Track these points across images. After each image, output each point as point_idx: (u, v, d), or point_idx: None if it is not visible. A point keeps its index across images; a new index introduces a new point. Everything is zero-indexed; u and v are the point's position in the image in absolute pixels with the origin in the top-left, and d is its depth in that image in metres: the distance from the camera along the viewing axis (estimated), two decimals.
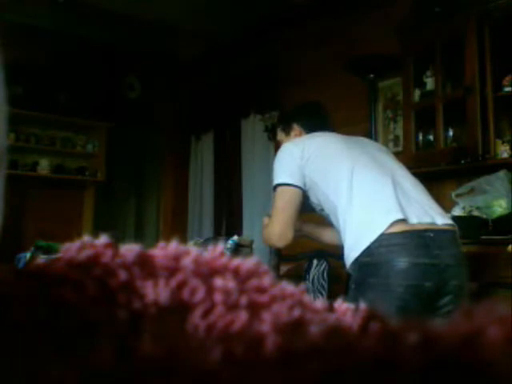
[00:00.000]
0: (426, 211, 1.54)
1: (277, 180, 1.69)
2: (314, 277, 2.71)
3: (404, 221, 1.48)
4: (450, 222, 1.58)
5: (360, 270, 1.51)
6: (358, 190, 1.57)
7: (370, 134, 3.37)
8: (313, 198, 1.71)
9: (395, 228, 1.47)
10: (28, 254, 2.70)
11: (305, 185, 1.68)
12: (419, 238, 1.47)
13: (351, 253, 1.52)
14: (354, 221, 1.54)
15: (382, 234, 1.46)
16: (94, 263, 0.27)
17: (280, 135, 1.98)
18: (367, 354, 0.21)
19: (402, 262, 1.44)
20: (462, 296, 1.50)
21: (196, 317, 0.25)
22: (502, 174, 2.67)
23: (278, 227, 1.67)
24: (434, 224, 1.52)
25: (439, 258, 1.46)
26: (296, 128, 1.91)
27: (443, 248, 1.48)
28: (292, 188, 1.67)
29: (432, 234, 1.49)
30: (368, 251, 1.48)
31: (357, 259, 1.50)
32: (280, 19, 4.32)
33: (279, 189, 1.69)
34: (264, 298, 0.27)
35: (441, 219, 1.54)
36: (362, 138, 1.90)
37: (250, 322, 0.25)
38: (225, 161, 5.05)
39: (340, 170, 1.62)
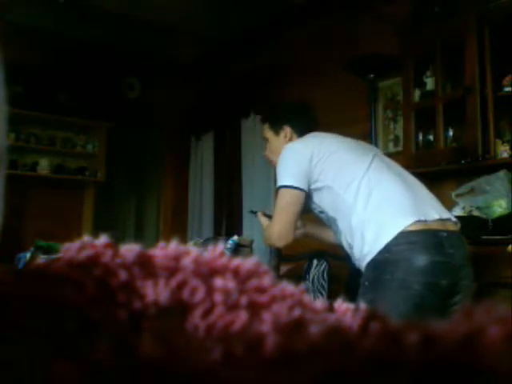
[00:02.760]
0: (441, 210, 1.59)
1: (281, 182, 1.70)
2: (314, 277, 2.71)
3: (420, 220, 1.50)
4: (455, 219, 1.63)
5: (376, 267, 1.51)
6: (375, 190, 1.59)
7: (370, 134, 3.37)
8: (315, 199, 1.71)
9: (412, 226, 1.49)
10: (28, 254, 2.70)
11: (309, 185, 1.69)
12: (435, 237, 1.50)
13: (370, 250, 1.53)
14: (372, 219, 1.55)
15: (401, 232, 1.48)
16: (94, 263, 0.27)
17: (268, 132, 1.95)
18: (367, 354, 0.21)
19: (420, 260, 1.45)
20: (469, 296, 1.54)
21: (196, 317, 0.25)
22: (502, 174, 2.67)
23: (279, 227, 1.69)
24: (449, 220, 1.57)
25: (453, 257, 1.49)
26: (287, 129, 1.91)
27: (455, 248, 1.51)
28: (295, 191, 1.67)
29: (445, 234, 1.52)
30: (386, 248, 1.49)
31: (374, 257, 1.51)
32: (280, 19, 4.32)
33: (282, 190, 1.69)
34: (264, 298, 0.27)
35: (452, 216, 1.60)
36: (360, 141, 1.91)
37: (250, 322, 0.25)
38: (225, 161, 5.05)
39: (354, 170, 1.64)
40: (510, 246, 2.32)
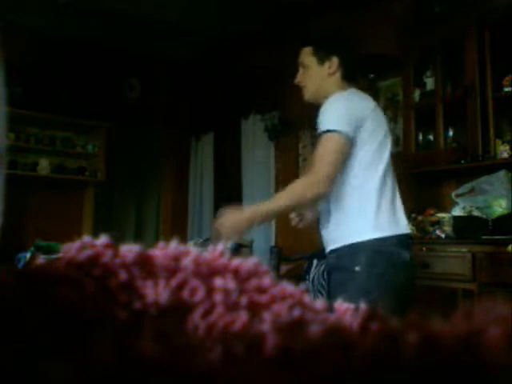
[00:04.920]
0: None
1: (330, 125, 1.52)
2: (313, 277, 2.71)
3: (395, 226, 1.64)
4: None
5: (351, 257, 1.60)
6: (388, 187, 1.64)
7: None
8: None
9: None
10: (28, 254, 2.69)
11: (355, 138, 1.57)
12: (406, 239, 1.64)
13: (356, 236, 1.59)
14: (376, 209, 1.59)
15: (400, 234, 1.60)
16: (94, 263, 0.27)
17: (308, 58, 1.77)
18: (367, 354, 0.21)
19: (405, 255, 1.58)
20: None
21: (196, 317, 0.25)
22: (502, 174, 2.67)
23: (327, 170, 1.50)
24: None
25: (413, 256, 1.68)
26: (335, 62, 1.71)
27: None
28: (343, 137, 1.52)
29: (410, 236, 1.68)
30: (376, 242, 1.57)
31: (363, 243, 1.57)
32: (280, 19, 4.31)
33: (330, 135, 1.51)
34: (264, 298, 0.27)
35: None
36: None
37: (250, 321, 0.25)
38: (225, 161, 5.05)
39: (377, 160, 1.64)
40: (510, 246, 2.32)
